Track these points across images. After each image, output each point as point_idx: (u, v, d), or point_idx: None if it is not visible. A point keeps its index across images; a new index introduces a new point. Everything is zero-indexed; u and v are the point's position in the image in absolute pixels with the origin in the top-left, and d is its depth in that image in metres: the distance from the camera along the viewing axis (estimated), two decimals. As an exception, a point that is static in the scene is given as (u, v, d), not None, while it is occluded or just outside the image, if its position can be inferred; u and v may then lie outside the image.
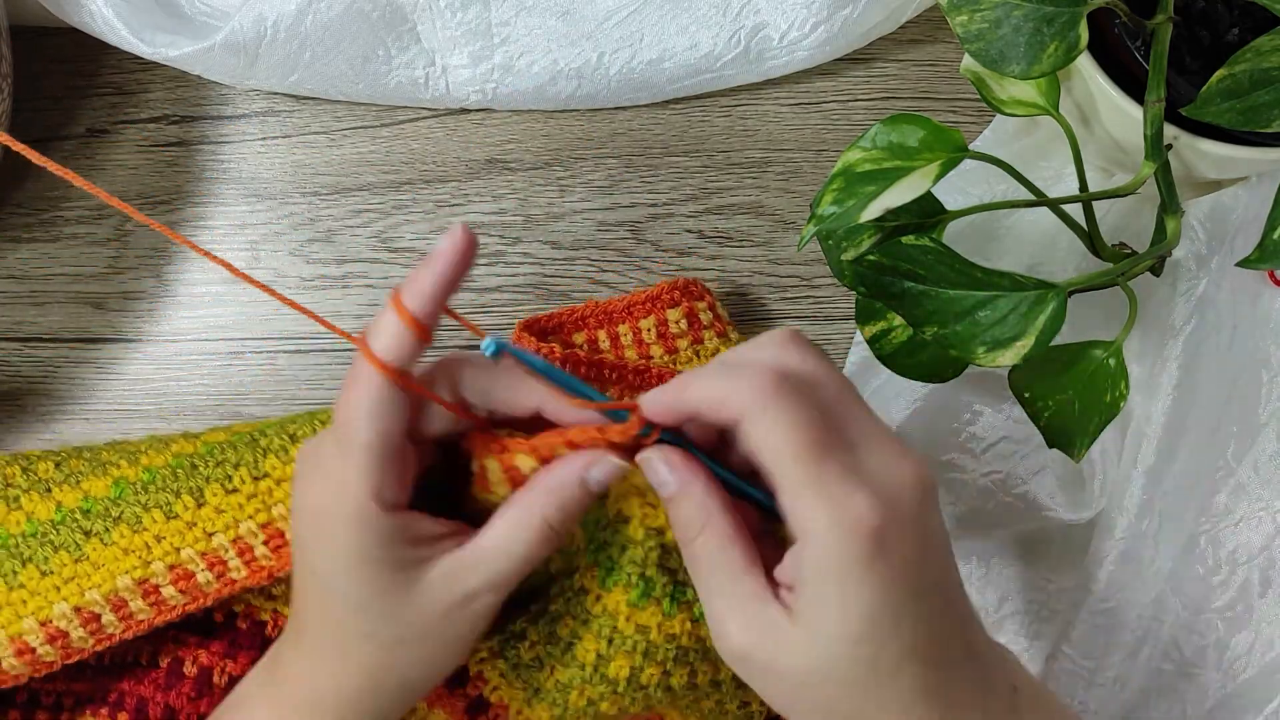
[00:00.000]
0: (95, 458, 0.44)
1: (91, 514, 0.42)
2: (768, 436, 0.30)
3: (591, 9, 0.52)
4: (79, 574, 0.41)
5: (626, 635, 0.38)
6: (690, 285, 0.50)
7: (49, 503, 0.42)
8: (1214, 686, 0.49)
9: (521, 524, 0.33)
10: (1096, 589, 0.48)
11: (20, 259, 0.53)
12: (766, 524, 0.34)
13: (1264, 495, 0.50)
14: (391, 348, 0.31)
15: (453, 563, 0.33)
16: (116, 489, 0.42)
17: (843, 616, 0.30)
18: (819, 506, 0.30)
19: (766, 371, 0.31)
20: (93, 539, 0.41)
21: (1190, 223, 0.49)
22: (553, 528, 0.33)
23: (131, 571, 0.40)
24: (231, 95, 0.55)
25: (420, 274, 0.32)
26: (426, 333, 0.32)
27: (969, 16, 0.41)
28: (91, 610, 0.40)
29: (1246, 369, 0.50)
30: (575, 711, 0.39)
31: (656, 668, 0.38)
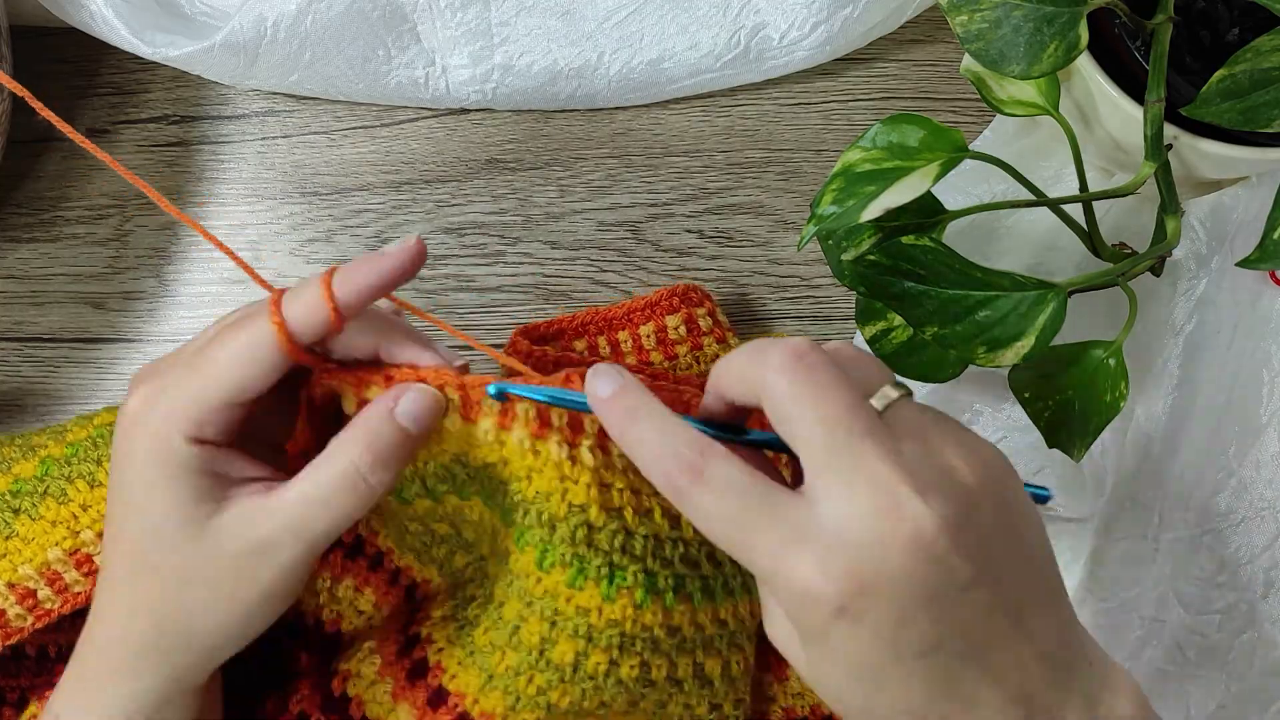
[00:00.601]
0: (26, 443, 0.44)
1: (20, 494, 0.42)
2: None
3: (591, 9, 0.52)
4: (9, 550, 0.40)
5: (568, 617, 0.37)
6: (690, 291, 0.50)
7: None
8: (1218, 687, 0.49)
9: (325, 469, 0.32)
10: (1096, 589, 0.48)
11: (20, 259, 0.53)
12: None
13: (1266, 495, 0.50)
14: (301, 319, 0.31)
15: (252, 506, 0.32)
16: (42, 467, 0.42)
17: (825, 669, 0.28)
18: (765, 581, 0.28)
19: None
20: (21, 515, 0.41)
21: (1190, 223, 0.49)
22: (362, 473, 0.32)
23: (61, 542, 0.40)
24: (231, 95, 0.55)
25: (361, 266, 0.31)
26: (340, 323, 0.31)
27: (969, 16, 0.41)
28: (26, 585, 0.40)
29: (1246, 369, 0.50)
30: (527, 700, 0.39)
31: (602, 654, 0.37)
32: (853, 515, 0.27)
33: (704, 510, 0.29)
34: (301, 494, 0.32)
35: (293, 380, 0.34)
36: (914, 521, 0.27)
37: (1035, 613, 0.29)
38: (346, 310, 0.31)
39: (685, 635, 0.38)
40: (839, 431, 0.28)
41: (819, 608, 0.27)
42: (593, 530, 0.35)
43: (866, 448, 0.28)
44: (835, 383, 0.29)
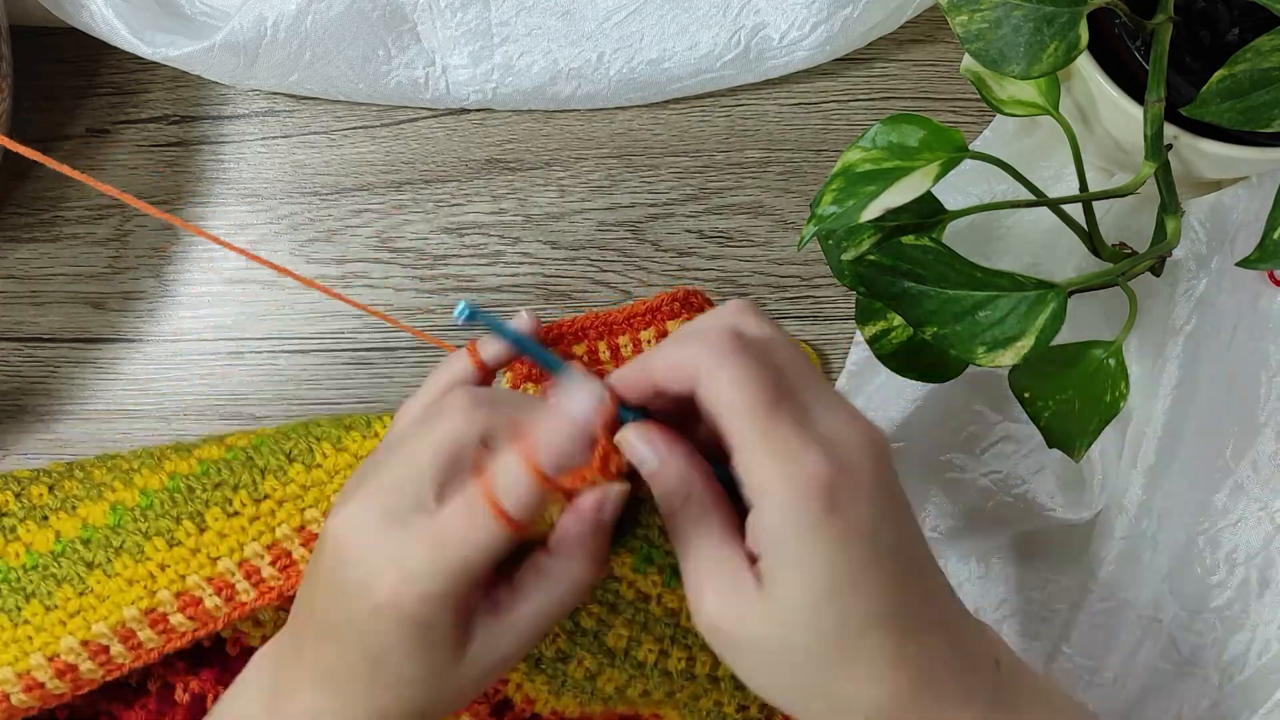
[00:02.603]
0: (88, 478, 0.44)
1: (92, 544, 0.41)
2: (722, 393, 0.31)
3: (591, 9, 0.52)
4: (84, 607, 0.40)
5: (627, 601, 0.38)
6: (690, 296, 0.50)
7: (47, 532, 0.42)
8: (1211, 686, 0.49)
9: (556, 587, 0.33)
10: (1096, 589, 0.48)
11: (20, 259, 0.53)
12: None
13: (1262, 495, 0.50)
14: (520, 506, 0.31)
15: (493, 633, 0.33)
16: (114, 515, 0.42)
17: (801, 579, 0.30)
18: (771, 462, 0.30)
19: (721, 332, 0.31)
20: (95, 570, 0.41)
21: (1190, 223, 0.49)
22: (587, 582, 0.34)
23: (138, 602, 0.40)
24: (231, 95, 0.55)
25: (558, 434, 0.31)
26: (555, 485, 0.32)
27: (969, 16, 0.41)
28: (99, 643, 0.40)
29: (1246, 369, 0.50)
30: (573, 684, 0.39)
31: (654, 643, 0.38)
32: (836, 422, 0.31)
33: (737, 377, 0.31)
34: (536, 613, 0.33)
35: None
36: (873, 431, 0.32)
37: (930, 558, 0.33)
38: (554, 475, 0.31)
39: None
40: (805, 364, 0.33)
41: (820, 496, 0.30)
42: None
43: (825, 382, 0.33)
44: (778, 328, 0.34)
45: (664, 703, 0.42)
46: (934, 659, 0.31)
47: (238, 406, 0.52)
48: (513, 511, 0.31)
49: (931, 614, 0.32)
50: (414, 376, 0.53)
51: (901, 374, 0.45)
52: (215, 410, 0.52)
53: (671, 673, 0.39)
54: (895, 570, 0.31)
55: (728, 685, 0.41)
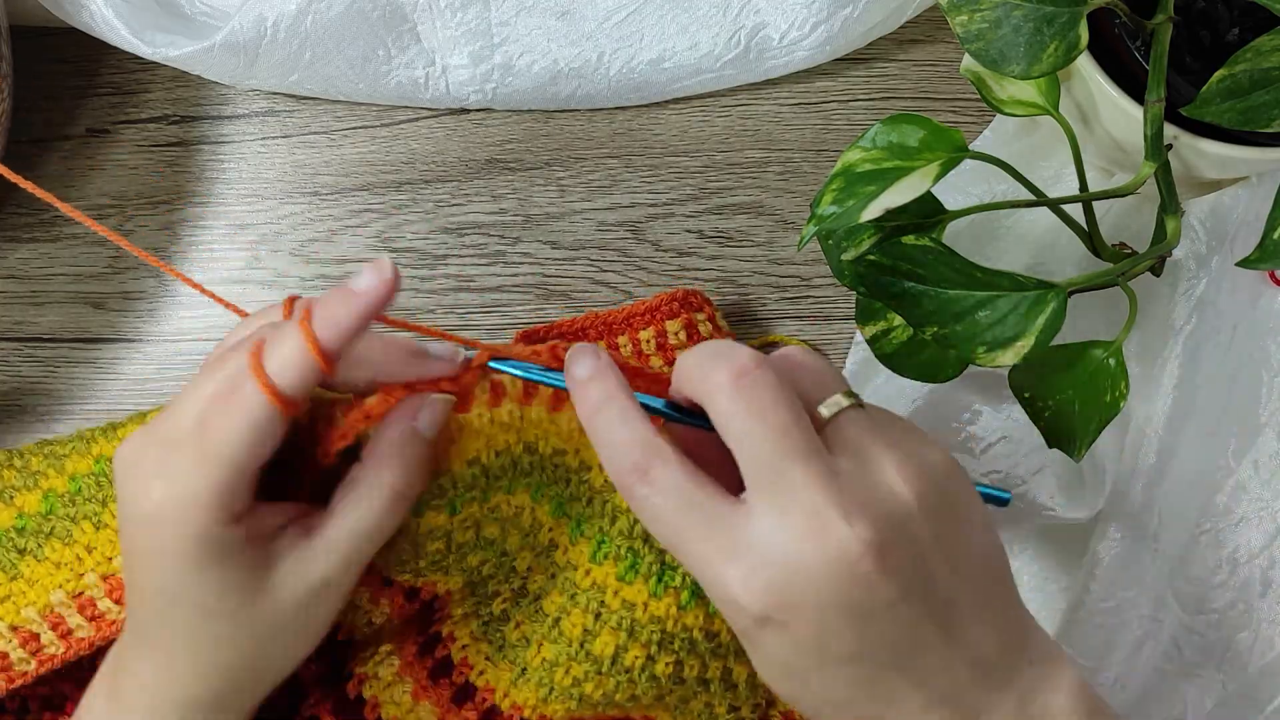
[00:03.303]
0: (26, 467, 0.43)
1: (25, 531, 0.41)
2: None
3: (591, 9, 0.52)
4: (14, 592, 0.40)
5: (613, 610, 0.37)
6: (690, 296, 0.50)
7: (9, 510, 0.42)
8: (1214, 686, 0.49)
9: (368, 499, 0.32)
10: (1096, 589, 0.48)
11: (20, 259, 0.53)
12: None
13: (1264, 495, 0.50)
14: (290, 378, 0.29)
15: (302, 554, 0.32)
16: (46, 503, 0.41)
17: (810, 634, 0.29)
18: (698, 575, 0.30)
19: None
20: (26, 556, 0.40)
21: (1190, 223, 0.49)
22: (400, 493, 0.32)
23: (65, 585, 0.39)
24: (231, 95, 0.55)
25: (337, 306, 0.30)
26: (331, 370, 0.30)
27: (969, 16, 0.41)
28: (29, 629, 0.39)
29: (1246, 369, 0.50)
30: (561, 691, 0.39)
31: (640, 649, 0.38)
32: (781, 535, 0.29)
33: (647, 510, 0.30)
34: (348, 528, 0.32)
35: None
36: (839, 545, 0.28)
37: (971, 618, 0.30)
38: (332, 353, 0.30)
39: (721, 641, 0.39)
40: (775, 452, 0.29)
41: (744, 616, 0.29)
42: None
43: (799, 470, 0.29)
44: (775, 402, 0.30)
45: (654, 706, 0.42)
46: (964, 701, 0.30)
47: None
48: (283, 384, 0.29)
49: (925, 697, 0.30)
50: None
51: (901, 374, 0.45)
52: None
53: (659, 678, 0.39)
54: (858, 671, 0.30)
55: (717, 687, 0.41)
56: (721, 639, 0.39)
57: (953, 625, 0.30)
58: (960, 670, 0.30)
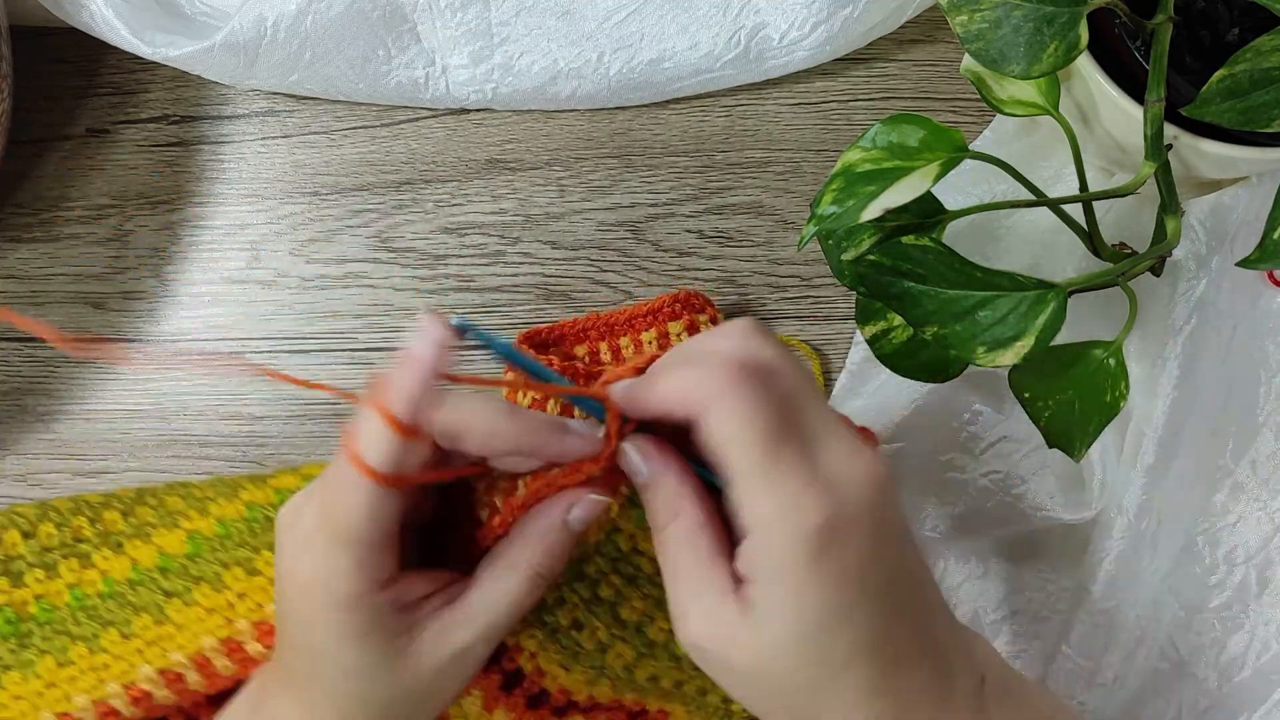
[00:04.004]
0: (161, 505, 0.44)
1: (170, 573, 0.41)
2: (724, 425, 0.30)
3: (591, 9, 0.52)
4: (162, 636, 0.40)
5: (646, 575, 0.38)
6: (691, 297, 0.50)
7: (123, 560, 0.42)
8: (1210, 686, 0.49)
9: (509, 577, 0.34)
10: (1096, 589, 0.48)
11: (20, 259, 0.53)
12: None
13: (1261, 495, 0.50)
14: (383, 456, 0.31)
15: (444, 623, 0.33)
16: (192, 545, 0.42)
17: (790, 614, 0.30)
18: (769, 499, 0.30)
19: (727, 361, 0.31)
20: (174, 599, 0.41)
21: (1190, 223, 0.49)
22: (541, 575, 0.34)
23: (216, 631, 0.40)
24: (231, 95, 0.55)
25: (402, 376, 0.31)
26: (416, 433, 0.31)
27: (969, 16, 0.41)
28: (175, 671, 0.40)
29: (1246, 369, 0.50)
30: (612, 674, 0.40)
31: (666, 622, 0.38)
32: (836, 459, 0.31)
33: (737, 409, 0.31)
34: (488, 602, 0.34)
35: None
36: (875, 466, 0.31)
37: (926, 580, 0.34)
38: (410, 421, 0.31)
39: None
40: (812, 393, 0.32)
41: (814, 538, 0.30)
42: None
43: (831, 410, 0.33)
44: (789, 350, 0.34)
45: (672, 695, 0.42)
46: (916, 689, 0.32)
47: (237, 406, 0.52)
48: (373, 461, 0.30)
49: (918, 644, 0.32)
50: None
51: (901, 374, 0.45)
52: (215, 410, 0.52)
53: (680, 657, 0.39)
54: (885, 606, 0.31)
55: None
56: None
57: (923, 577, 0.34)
58: (934, 623, 0.33)
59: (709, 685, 0.41)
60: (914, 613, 0.32)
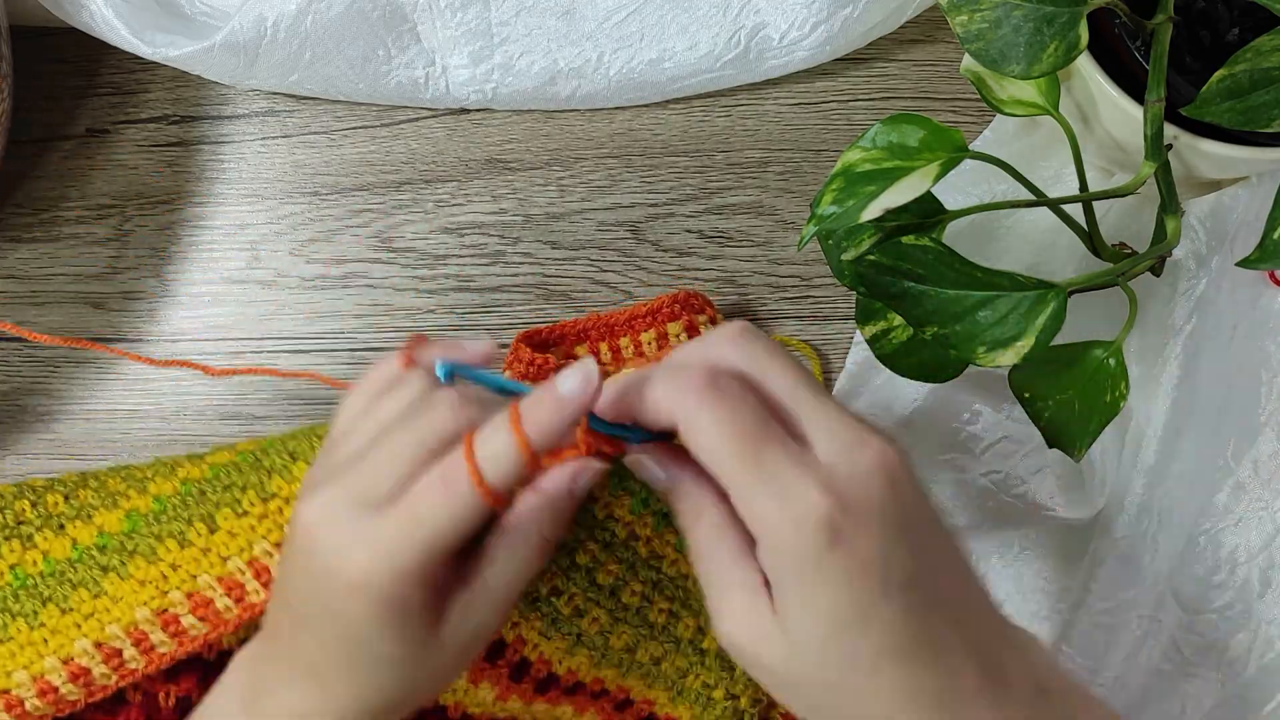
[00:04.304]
0: (103, 487, 0.44)
1: (108, 549, 0.41)
2: (699, 438, 0.30)
3: (591, 9, 0.52)
4: (98, 609, 0.40)
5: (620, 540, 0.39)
6: (691, 298, 0.50)
7: (64, 540, 0.42)
8: (1213, 686, 0.49)
9: (521, 548, 0.33)
10: (1096, 589, 0.48)
11: (20, 259, 0.53)
12: None
13: (1263, 495, 0.50)
14: (501, 476, 0.31)
15: (465, 604, 0.33)
16: (129, 522, 0.42)
17: (807, 616, 0.29)
18: (762, 503, 0.29)
19: (697, 374, 0.31)
20: (110, 574, 0.41)
21: (1190, 223, 0.49)
22: (549, 540, 0.34)
23: (149, 602, 0.40)
24: (231, 95, 0.55)
25: (547, 409, 0.31)
26: (539, 466, 0.31)
27: (969, 16, 0.41)
28: (113, 645, 0.40)
29: (1246, 369, 0.50)
30: (589, 641, 0.40)
31: (640, 586, 0.40)
32: (836, 450, 0.30)
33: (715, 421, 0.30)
34: (508, 576, 0.33)
35: None
36: (884, 454, 0.30)
37: (967, 574, 0.32)
38: (540, 452, 0.31)
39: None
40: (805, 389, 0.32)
41: (818, 532, 0.29)
42: None
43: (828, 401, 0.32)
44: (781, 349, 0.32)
45: (653, 676, 0.42)
46: (959, 690, 0.30)
47: (237, 406, 0.52)
48: (493, 479, 0.30)
49: (960, 643, 0.30)
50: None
51: (901, 374, 0.45)
52: (215, 410, 0.52)
53: (654, 624, 0.40)
54: (912, 601, 0.30)
55: (713, 662, 0.41)
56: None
57: (965, 575, 0.32)
58: (980, 617, 0.32)
59: (686, 664, 0.41)
60: (950, 609, 0.31)
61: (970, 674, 0.30)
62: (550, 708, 0.42)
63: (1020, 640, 0.33)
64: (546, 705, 0.42)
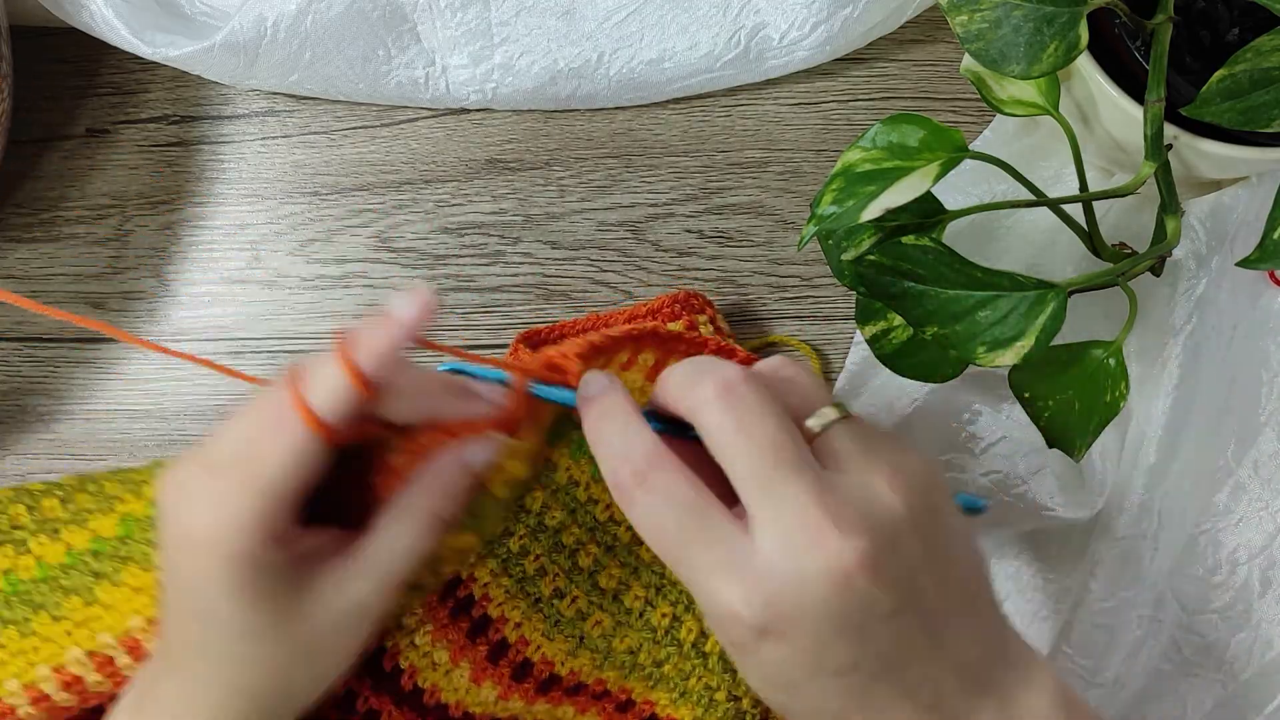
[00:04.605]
0: (100, 491, 0.44)
1: (101, 555, 0.41)
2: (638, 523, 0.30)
3: (591, 9, 0.52)
4: (90, 617, 0.40)
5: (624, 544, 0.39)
6: (691, 298, 0.50)
7: (58, 545, 0.42)
8: (1214, 687, 0.49)
9: (406, 522, 0.33)
10: (1096, 589, 0.48)
11: (20, 259, 0.53)
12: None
13: (1263, 495, 0.50)
14: (331, 404, 0.30)
15: (339, 573, 0.32)
16: (124, 527, 0.42)
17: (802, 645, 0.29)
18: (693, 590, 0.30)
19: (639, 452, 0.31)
20: (103, 581, 0.41)
21: (1190, 223, 0.49)
22: (441, 518, 0.33)
23: (142, 610, 0.40)
24: (231, 95, 0.55)
25: (375, 331, 0.30)
26: (372, 394, 0.30)
27: (969, 16, 0.41)
28: (105, 654, 0.40)
29: (1246, 369, 0.50)
30: (591, 644, 0.41)
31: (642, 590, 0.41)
32: (777, 548, 0.29)
33: (642, 516, 0.31)
34: (386, 548, 0.32)
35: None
36: (836, 557, 0.28)
37: (956, 627, 0.31)
38: (372, 382, 0.30)
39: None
40: (766, 465, 0.30)
41: (741, 629, 0.29)
42: None
43: (792, 483, 0.29)
44: (763, 416, 0.30)
45: (657, 680, 0.42)
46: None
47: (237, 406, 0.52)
48: (321, 408, 0.30)
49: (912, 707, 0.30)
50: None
51: (901, 374, 0.45)
52: (215, 410, 0.52)
53: (656, 627, 0.40)
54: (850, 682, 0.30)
55: (715, 664, 0.41)
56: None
57: (940, 634, 0.30)
58: (947, 679, 0.31)
59: (689, 667, 0.42)
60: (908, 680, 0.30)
61: (986, 714, 0.30)
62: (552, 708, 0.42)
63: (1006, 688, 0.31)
64: (548, 706, 0.42)
